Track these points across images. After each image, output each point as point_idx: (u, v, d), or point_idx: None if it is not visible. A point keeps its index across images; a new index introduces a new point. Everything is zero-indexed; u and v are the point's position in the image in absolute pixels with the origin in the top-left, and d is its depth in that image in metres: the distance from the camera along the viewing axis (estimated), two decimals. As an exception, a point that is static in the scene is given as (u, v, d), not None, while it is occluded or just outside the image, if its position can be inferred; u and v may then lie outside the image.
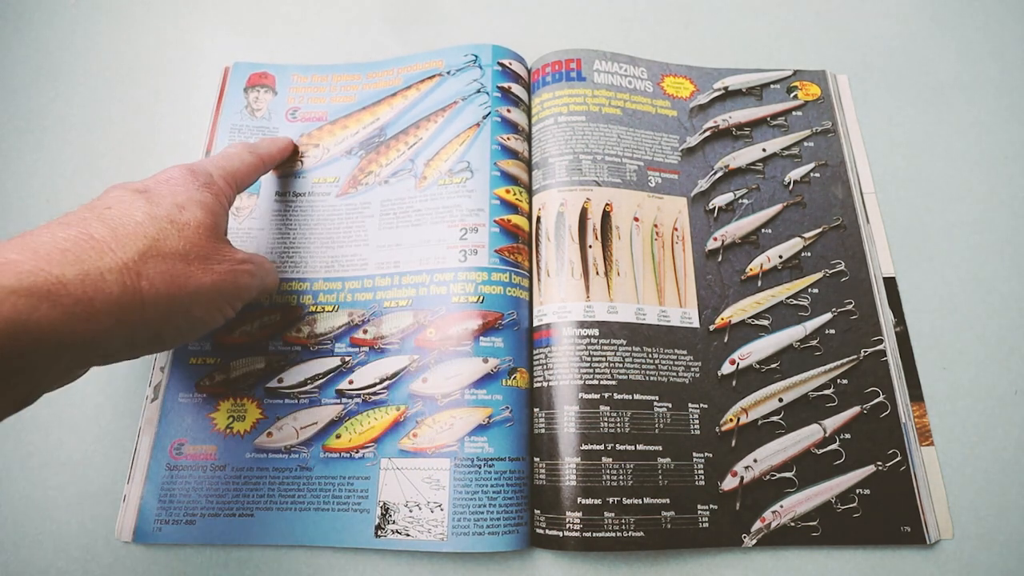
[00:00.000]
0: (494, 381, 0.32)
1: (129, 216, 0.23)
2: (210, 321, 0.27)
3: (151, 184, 0.26)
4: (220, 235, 0.27)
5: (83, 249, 0.21)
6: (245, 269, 0.27)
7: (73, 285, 0.20)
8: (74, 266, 0.20)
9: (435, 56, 0.40)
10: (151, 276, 0.22)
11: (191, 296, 0.24)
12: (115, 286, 0.21)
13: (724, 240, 0.36)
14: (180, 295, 0.24)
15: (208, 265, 0.25)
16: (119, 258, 0.22)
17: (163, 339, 0.25)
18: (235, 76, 0.41)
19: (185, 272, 0.24)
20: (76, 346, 0.20)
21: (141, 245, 0.23)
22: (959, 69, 0.43)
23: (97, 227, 0.22)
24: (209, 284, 0.25)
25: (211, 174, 0.29)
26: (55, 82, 0.42)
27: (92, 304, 0.20)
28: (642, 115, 0.39)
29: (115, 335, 0.22)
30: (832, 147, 0.39)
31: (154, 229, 0.24)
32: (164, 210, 0.25)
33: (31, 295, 0.19)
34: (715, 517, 0.30)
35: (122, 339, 0.22)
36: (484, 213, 0.35)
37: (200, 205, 0.26)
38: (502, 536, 0.29)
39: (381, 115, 0.39)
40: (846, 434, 0.32)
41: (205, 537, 0.30)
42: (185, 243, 0.24)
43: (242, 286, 0.27)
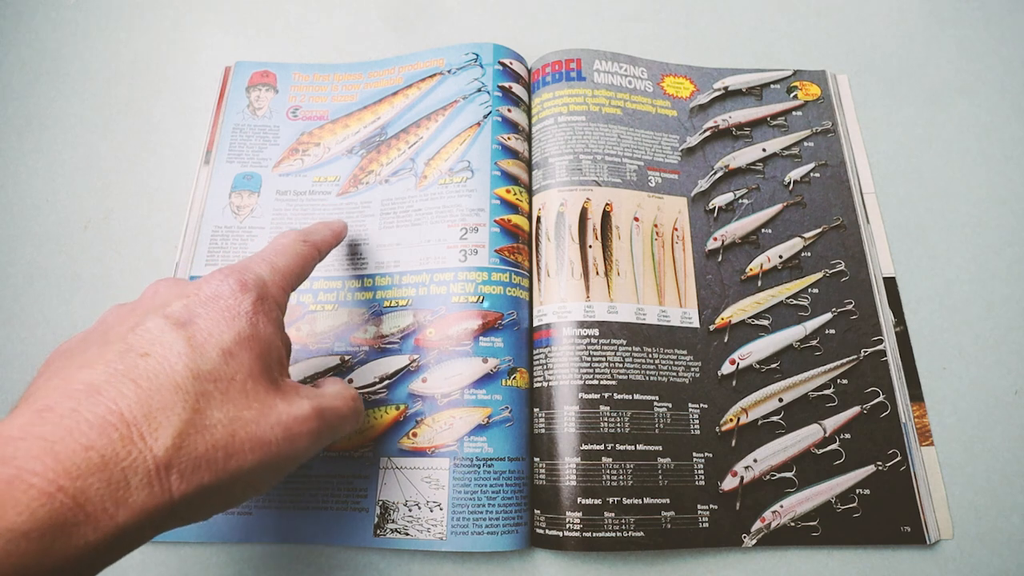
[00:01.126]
0: (494, 381, 0.32)
1: (168, 375, 0.19)
2: (252, 496, 0.22)
3: (194, 307, 0.22)
4: (274, 380, 0.22)
5: (110, 441, 0.17)
6: (307, 430, 0.22)
7: (93, 504, 0.16)
8: (98, 475, 0.16)
9: (436, 55, 0.40)
10: (183, 469, 0.18)
11: (231, 481, 0.19)
12: (141, 492, 0.17)
13: (724, 240, 0.36)
14: (218, 483, 0.19)
15: (257, 436, 0.20)
16: (151, 453, 0.18)
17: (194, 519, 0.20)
18: (237, 75, 0.41)
19: (227, 450, 0.19)
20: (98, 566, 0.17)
21: (177, 423, 0.18)
22: (959, 69, 0.43)
23: (129, 397, 0.18)
24: (254, 462, 0.20)
25: (264, 283, 0.24)
26: (55, 82, 0.42)
27: (114, 522, 0.17)
28: (642, 115, 0.39)
29: (138, 541, 0.18)
30: (832, 147, 0.39)
31: (194, 394, 0.19)
32: (208, 364, 0.20)
33: (44, 534, 0.15)
34: (715, 517, 0.30)
35: (146, 538, 0.18)
36: (484, 213, 0.35)
37: (250, 344, 0.21)
38: (502, 536, 0.29)
39: (382, 114, 0.39)
40: (846, 434, 0.32)
41: (204, 535, 0.30)
42: (229, 408, 0.20)
43: (298, 454, 0.22)
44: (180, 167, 0.39)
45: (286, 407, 0.22)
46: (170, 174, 0.39)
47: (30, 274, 0.36)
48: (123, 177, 0.39)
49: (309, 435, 0.22)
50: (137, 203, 0.38)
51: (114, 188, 0.39)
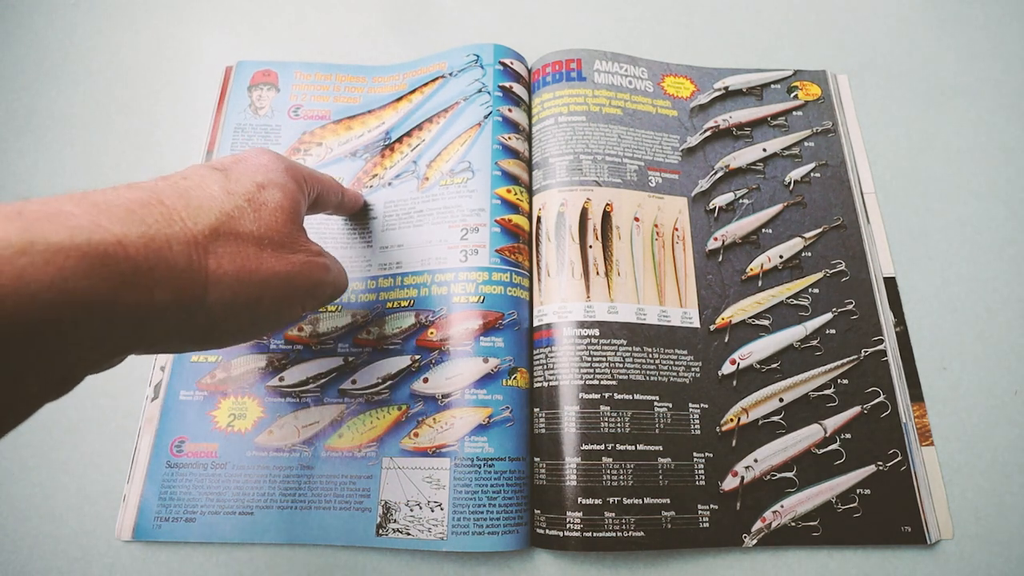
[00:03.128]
0: (494, 381, 0.32)
1: (204, 189, 0.21)
2: (277, 319, 0.24)
3: (230, 163, 0.24)
4: (298, 222, 0.25)
5: (150, 212, 0.18)
6: (322, 263, 0.25)
7: (135, 248, 0.17)
8: (138, 227, 0.18)
9: (439, 59, 0.40)
10: (220, 255, 0.20)
11: (261, 284, 0.22)
12: (181, 258, 0.18)
13: (724, 240, 0.36)
14: (249, 281, 0.21)
15: (282, 253, 0.23)
16: (189, 229, 0.19)
17: (219, 334, 0.22)
18: (239, 75, 0.41)
19: (257, 256, 0.21)
20: (127, 322, 0.17)
21: (213, 220, 0.20)
22: (959, 69, 0.43)
23: (169, 194, 0.20)
24: (283, 273, 0.23)
25: (295, 163, 0.27)
26: (56, 82, 0.42)
27: (153, 274, 0.17)
28: (642, 115, 0.39)
29: (171, 316, 0.19)
30: (832, 147, 0.39)
31: (230, 205, 0.21)
32: (243, 187, 0.23)
33: (84, 256, 0.16)
34: (715, 517, 0.30)
35: (176, 323, 0.19)
36: (485, 213, 0.35)
37: (281, 188, 0.24)
38: (502, 536, 0.29)
39: (386, 119, 0.39)
40: (846, 434, 0.32)
41: (205, 535, 0.30)
42: (260, 225, 0.22)
43: (317, 281, 0.25)
44: (181, 167, 0.39)
45: (305, 242, 0.25)
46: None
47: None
48: (123, 177, 0.39)
49: (323, 267, 0.25)
50: (138, 203, 0.38)
51: (115, 188, 0.39)
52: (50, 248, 0.15)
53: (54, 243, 0.15)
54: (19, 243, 0.15)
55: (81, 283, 0.16)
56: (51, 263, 0.15)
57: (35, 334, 0.15)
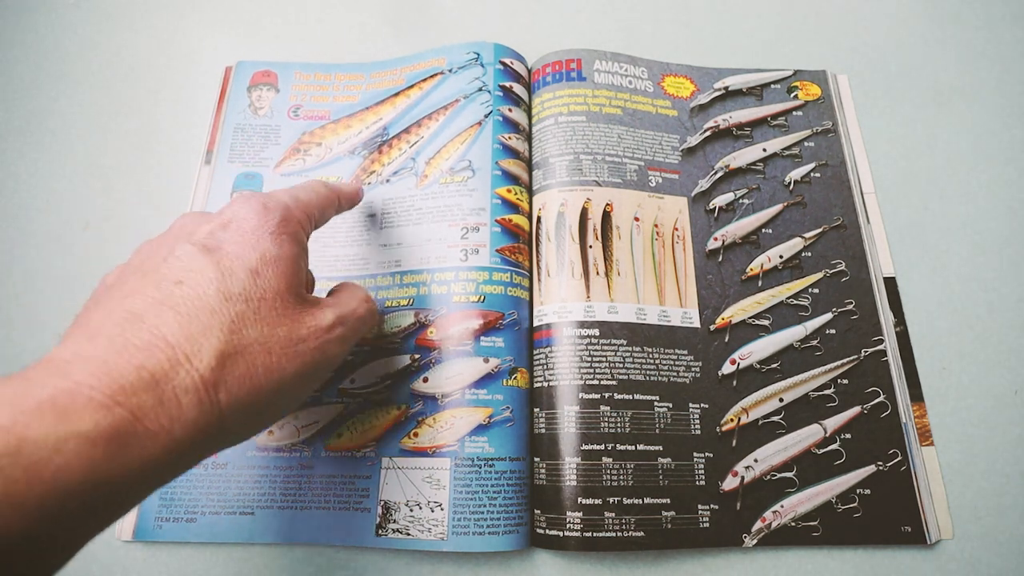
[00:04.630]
0: (495, 381, 0.32)
1: (202, 300, 0.20)
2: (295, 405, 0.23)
3: (219, 233, 0.23)
4: (300, 296, 0.23)
5: (158, 362, 0.18)
6: (335, 337, 0.23)
7: (150, 419, 0.17)
8: (150, 392, 0.17)
9: (438, 54, 0.40)
10: (229, 384, 0.19)
11: (274, 393, 0.21)
12: (192, 409, 0.18)
13: (725, 240, 0.36)
14: (262, 396, 0.20)
15: (291, 348, 0.21)
16: (195, 371, 0.18)
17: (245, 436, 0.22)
18: (238, 75, 0.41)
19: (266, 367, 0.20)
20: (154, 483, 0.18)
21: (216, 344, 0.19)
22: (959, 69, 0.43)
23: (170, 323, 0.19)
24: (292, 373, 0.21)
25: (287, 206, 0.25)
26: (56, 82, 0.42)
27: (171, 435, 0.17)
28: (642, 115, 0.39)
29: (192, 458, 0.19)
30: (832, 147, 0.39)
31: (230, 316, 0.20)
32: (238, 285, 0.21)
33: (109, 442, 0.16)
34: (716, 517, 0.30)
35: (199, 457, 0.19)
36: (485, 212, 0.35)
37: (275, 263, 0.22)
38: (502, 536, 0.29)
39: (384, 114, 0.39)
40: (846, 434, 0.32)
41: (206, 535, 0.30)
42: (262, 327, 0.21)
43: (332, 360, 0.23)
44: (181, 167, 0.39)
45: (313, 320, 0.23)
46: (171, 174, 0.39)
47: (30, 274, 0.36)
48: (123, 177, 0.39)
49: (336, 341, 0.24)
50: (137, 203, 0.38)
51: (114, 188, 0.39)
52: (80, 441, 0.15)
53: (83, 434, 0.15)
54: (53, 441, 0.15)
55: (110, 468, 0.16)
56: (82, 456, 0.15)
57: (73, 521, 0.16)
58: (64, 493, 0.15)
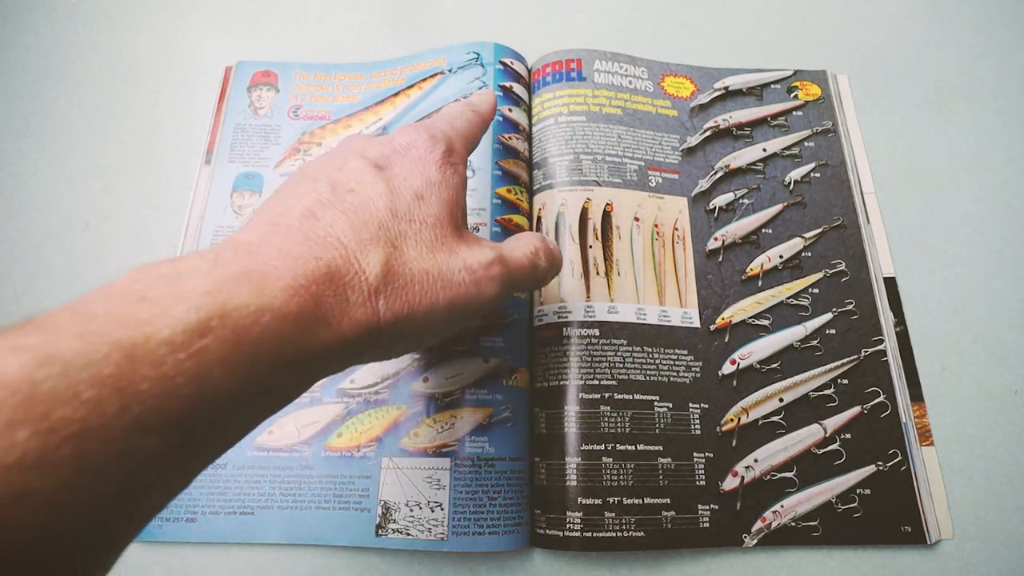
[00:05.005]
0: (495, 381, 0.32)
1: (371, 211, 0.21)
2: (446, 334, 0.23)
3: (390, 155, 0.23)
4: (459, 228, 0.23)
5: (333, 259, 0.19)
6: (491, 276, 0.23)
7: (327, 307, 0.18)
8: (327, 284, 0.18)
9: (438, 54, 0.40)
10: (388, 296, 0.19)
11: (425, 316, 0.21)
12: (358, 308, 0.19)
13: (725, 240, 0.36)
14: (414, 315, 0.20)
15: (445, 276, 0.21)
16: (364, 275, 0.19)
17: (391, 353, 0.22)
18: (238, 75, 0.41)
19: (422, 288, 0.20)
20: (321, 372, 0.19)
21: (382, 255, 0.20)
22: (959, 69, 0.43)
23: (342, 225, 0.20)
24: (445, 301, 0.21)
25: (450, 137, 0.25)
26: (56, 82, 0.42)
27: (340, 329, 0.18)
28: (642, 115, 0.39)
29: (349, 358, 0.20)
30: (832, 147, 0.39)
31: (394, 231, 0.21)
32: (404, 204, 0.21)
33: (296, 321, 0.16)
34: (716, 517, 0.30)
35: (353, 360, 0.20)
36: (485, 212, 0.35)
37: (438, 191, 0.23)
38: (502, 536, 0.29)
39: (384, 114, 0.39)
40: (846, 434, 0.32)
41: (206, 535, 0.30)
42: (421, 249, 0.21)
43: (486, 299, 0.23)
44: (180, 167, 0.39)
45: (470, 253, 0.23)
46: (171, 174, 0.39)
47: (30, 274, 0.36)
48: (123, 177, 0.39)
49: (494, 280, 0.23)
50: (137, 203, 0.38)
51: (114, 188, 0.39)
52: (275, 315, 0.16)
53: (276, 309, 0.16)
54: (254, 309, 0.16)
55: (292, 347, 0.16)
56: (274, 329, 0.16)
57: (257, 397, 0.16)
58: (263, 361, 0.16)
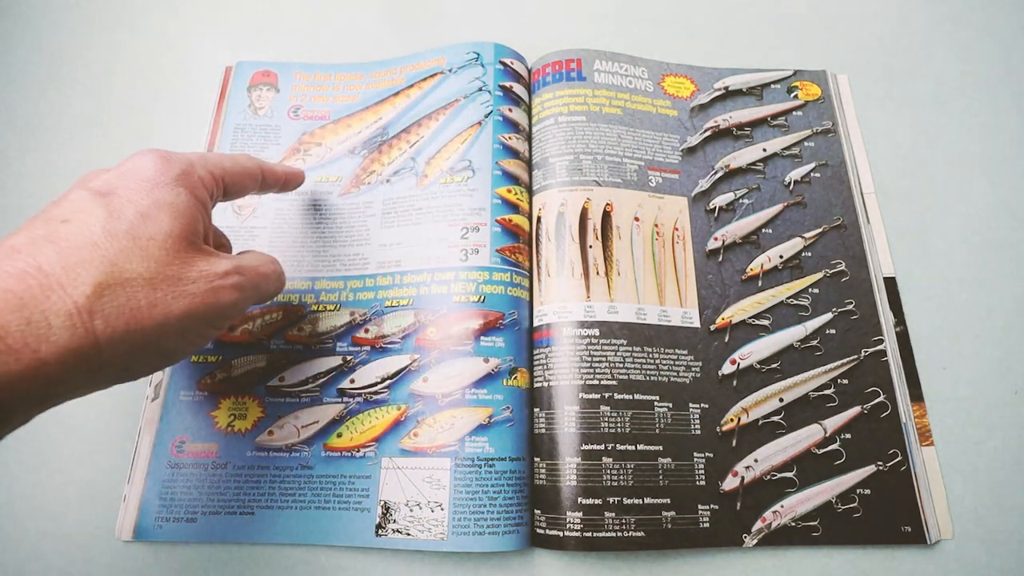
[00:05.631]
0: (495, 381, 0.32)
1: (85, 236, 0.21)
2: (188, 348, 0.24)
3: (115, 180, 0.23)
4: (195, 244, 0.23)
5: (28, 287, 0.19)
6: (229, 284, 0.24)
7: (13, 337, 0.18)
8: (15, 313, 0.18)
9: (438, 54, 0.40)
10: (107, 313, 0.20)
11: (158, 328, 0.21)
12: (64, 331, 0.19)
13: (725, 240, 0.36)
14: (144, 329, 0.21)
15: (179, 287, 0.22)
16: (69, 297, 0.19)
17: (133, 372, 0.22)
18: (238, 75, 0.41)
19: (150, 301, 0.21)
20: (22, 401, 0.19)
21: (95, 275, 0.20)
22: (959, 69, 0.43)
23: (48, 254, 0.20)
24: (179, 312, 0.22)
25: (191, 163, 0.25)
26: (56, 82, 0.42)
27: (36, 356, 0.18)
28: (642, 115, 0.39)
29: (70, 381, 0.20)
30: (832, 147, 0.39)
31: (113, 250, 0.21)
32: (125, 223, 0.21)
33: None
34: (716, 517, 0.30)
35: (81, 382, 0.20)
36: (486, 212, 0.35)
37: (169, 209, 0.23)
38: (502, 536, 0.29)
39: (383, 114, 0.39)
40: (847, 434, 0.32)
41: (206, 535, 0.30)
42: (149, 263, 0.21)
43: (224, 305, 0.24)
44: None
45: (207, 264, 0.23)
46: (171, 174, 0.39)
47: (31, 274, 0.36)
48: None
49: (232, 288, 0.24)
50: (138, 203, 0.38)
51: (115, 188, 0.39)
52: None
53: None
54: None
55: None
56: None
57: None
58: None
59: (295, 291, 0.35)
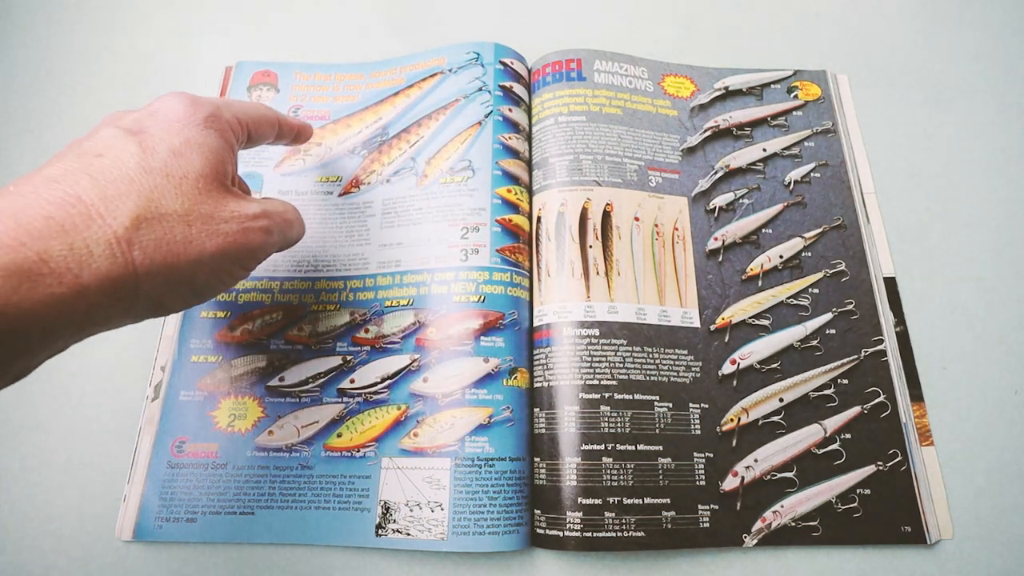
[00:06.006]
0: (495, 381, 0.32)
1: (120, 169, 0.21)
2: (219, 286, 0.24)
3: (145, 120, 0.23)
4: (225, 185, 0.24)
5: (69, 215, 0.19)
6: (258, 227, 0.24)
7: (56, 262, 0.18)
8: (58, 239, 0.18)
9: (438, 54, 0.40)
10: (145, 245, 0.20)
11: (192, 264, 0.22)
12: (104, 260, 0.19)
13: (725, 240, 0.36)
14: (179, 264, 0.21)
15: (212, 226, 0.22)
16: (109, 227, 0.19)
17: (167, 306, 0.23)
18: (238, 75, 0.41)
19: (185, 237, 0.21)
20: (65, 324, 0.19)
21: (133, 208, 0.20)
22: (959, 69, 0.43)
23: (85, 185, 0.20)
24: (213, 249, 0.22)
25: (217, 106, 0.25)
26: (56, 82, 0.42)
27: (79, 281, 0.19)
28: (642, 115, 0.39)
29: (108, 309, 0.20)
30: (832, 147, 0.39)
31: (148, 185, 0.21)
32: (159, 160, 0.22)
33: (10, 275, 0.17)
34: (716, 517, 0.30)
35: (118, 311, 0.21)
36: (485, 212, 0.35)
37: (200, 149, 0.23)
38: (502, 536, 0.29)
39: (383, 114, 0.39)
40: (847, 434, 0.32)
41: (206, 535, 0.30)
42: (183, 200, 0.22)
43: (255, 246, 0.24)
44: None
45: (237, 205, 0.24)
46: (171, 174, 0.39)
47: (31, 274, 0.36)
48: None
49: (261, 231, 0.25)
50: (138, 203, 0.38)
51: (115, 188, 0.39)
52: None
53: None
54: None
55: (11, 300, 0.17)
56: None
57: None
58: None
59: (295, 291, 0.35)
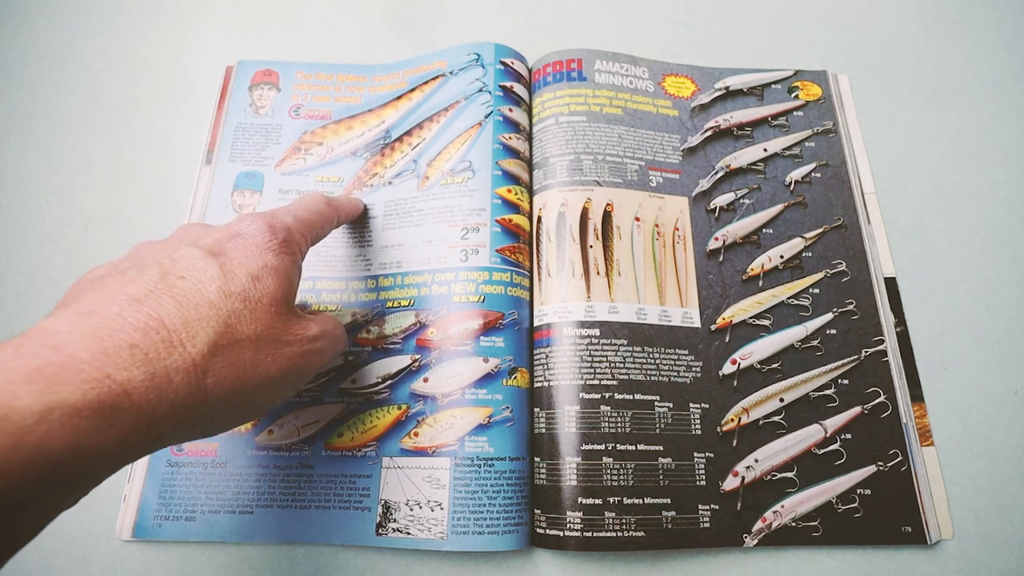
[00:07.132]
0: (495, 381, 0.32)
1: (202, 294, 0.21)
2: (270, 407, 0.25)
3: (224, 241, 0.24)
4: (292, 308, 0.25)
5: (153, 343, 0.19)
6: (316, 348, 0.25)
7: (138, 394, 0.18)
8: (142, 368, 0.18)
9: (440, 57, 0.40)
10: (218, 371, 0.20)
11: (256, 388, 0.22)
12: (181, 388, 0.19)
13: (725, 240, 0.36)
14: (246, 389, 0.21)
15: (278, 349, 0.23)
16: (189, 355, 0.19)
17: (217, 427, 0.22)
18: (239, 74, 0.41)
19: (253, 361, 0.22)
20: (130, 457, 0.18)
21: (212, 335, 0.20)
22: (960, 69, 0.43)
23: (169, 308, 0.20)
24: (276, 372, 0.23)
25: (290, 228, 0.26)
26: (56, 82, 0.42)
27: (154, 414, 0.18)
28: (643, 115, 0.39)
29: (170, 437, 0.20)
30: (833, 147, 0.39)
31: (227, 311, 0.21)
32: (238, 285, 0.22)
33: (94, 414, 0.16)
34: (716, 517, 0.30)
35: (176, 438, 0.20)
36: (486, 213, 0.35)
37: (275, 273, 0.24)
38: (502, 535, 0.29)
39: (386, 117, 0.39)
40: (847, 434, 0.32)
41: (206, 534, 0.30)
42: (256, 326, 0.22)
43: (312, 368, 0.25)
44: (181, 166, 0.39)
45: (301, 329, 0.24)
46: (171, 173, 0.39)
47: (30, 274, 0.36)
48: (123, 177, 0.39)
49: (318, 352, 0.25)
50: (138, 202, 0.38)
51: (114, 188, 0.39)
52: (66, 412, 0.16)
53: (69, 405, 0.16)
54: (39, 410, 0.15)
55: (92, 441, 0.16)
56: (67, 425, 0.16)
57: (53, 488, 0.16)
58: (46, 461, 0.15)
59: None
